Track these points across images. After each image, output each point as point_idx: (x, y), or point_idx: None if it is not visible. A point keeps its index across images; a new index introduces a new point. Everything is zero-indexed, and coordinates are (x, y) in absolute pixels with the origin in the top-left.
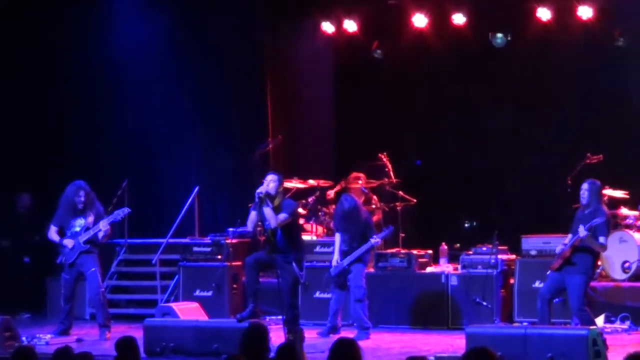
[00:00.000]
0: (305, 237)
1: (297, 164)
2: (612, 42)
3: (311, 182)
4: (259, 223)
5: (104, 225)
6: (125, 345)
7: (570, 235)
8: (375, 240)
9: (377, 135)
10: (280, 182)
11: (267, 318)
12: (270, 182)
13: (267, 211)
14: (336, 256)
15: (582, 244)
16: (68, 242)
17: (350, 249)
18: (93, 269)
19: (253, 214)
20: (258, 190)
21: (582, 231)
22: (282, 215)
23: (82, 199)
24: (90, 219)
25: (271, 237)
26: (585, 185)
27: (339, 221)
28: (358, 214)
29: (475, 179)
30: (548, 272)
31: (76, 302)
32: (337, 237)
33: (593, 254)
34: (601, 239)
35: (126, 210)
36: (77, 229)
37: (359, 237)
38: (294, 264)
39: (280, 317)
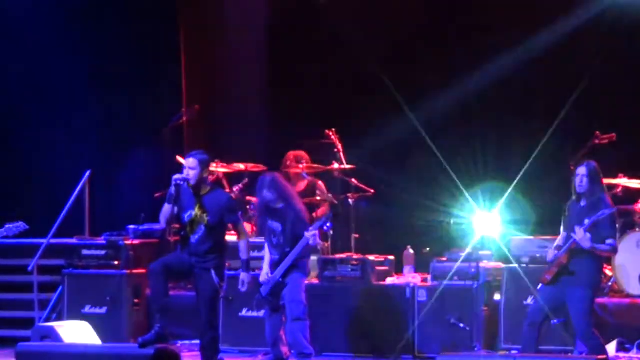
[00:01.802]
0: (229, 237)
1: (220, 142)
2: None
3: (238, 166)
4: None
5: None
6: None
7: (563, 235)
8: (310, 233)
9: (324, 106)
10: (205, 167)
11: (179, 342)
12: (189, 169)
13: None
14: (266, 269)
15: (580, 246)
16: None
17: (283, 255)
18: None
19: (167, 208)
20: (175, 177)
21: (579, 233)
22: (242, 235)
23: None
24: None
25: (189, 234)
26: (582, 169)
27: (261, 218)
28: (287, 203)
29: (451, 163)
30: (539, 287)
31: None
32: (266, 245)
33: (597, 260)
34: (609, 241)
35: (21, 226)
36: None
37: (292, 238)
38: (212, 271)
39: (195, 341)
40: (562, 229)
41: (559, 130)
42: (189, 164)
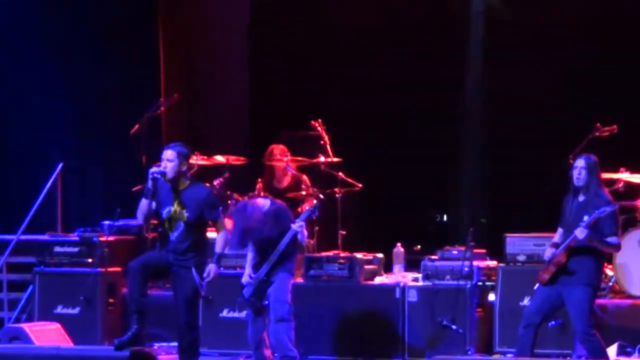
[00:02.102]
0: (210, 234)
1: (199, 134)
2: None
3: (218, 158)
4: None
5: None
6: None
7: (560, 232)
8: (297, 225)
9: (309, 95)
10: (184, 160)
11: (156, 345)
12: (167, 161)
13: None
14: (248, 270)
15: (581, 244)
16: None
17: (265, 257)
18: None
19: (144, 203)
20: (152, 170)
21: (580, 233)
22: (221, 229)
23: None
24: None
25: (167, 231)
26: (580, 162)
27: (240, 236)
28: (273, 222)
29: (443, 157)
30: (535, 286)
31: None
32: (248, 247)
33: (598, 258)
34: (611, 239)
35: None
36: None
37: (276, 240)
38: (193, 270)
39: (173, 343)
40: (559, 225)
41: (558, 122)
42: (167, 156)
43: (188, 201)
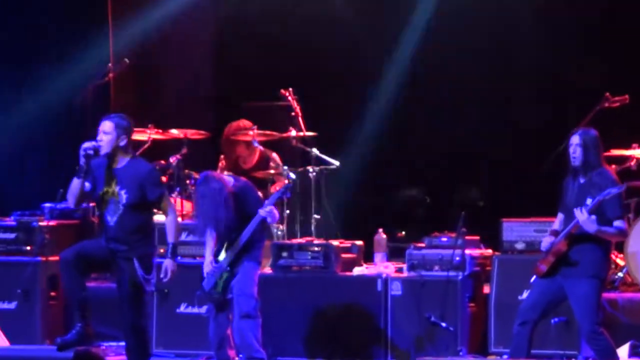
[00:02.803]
0: (160, 218)
1: (153, 104)
2: None
3: (174, 132)
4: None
5: None
6: None
7: (560, 218)
8: (265, 210)
9: (279, 60)
10: (123, 133)
11: (103, 344)
12: (104, 134)
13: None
14: (208, 258)
15: (583, 230)
16: None
17: (228, 244)
18: None
19: (76, 183)
20: (85, 146)
21: (581, 215)
22: (169, 212)
23: None
24: None
25: (105, 215)
26: (575, 138)
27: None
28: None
29: (432, 130)
30: (532, 279)
31: None
32: (208, 232)
33: (603, 246)
34: (617, 223)
35: None
36: None
37: (242, 219)
38: (136, 261)
39: (123, 342)
40: (559, 210)
41: (561, 93)
42: (104, 129)
43: (126, 180)
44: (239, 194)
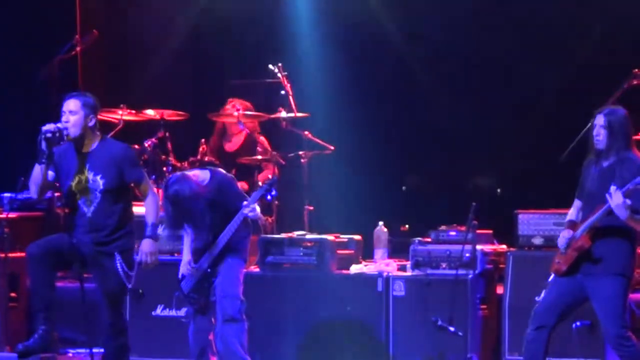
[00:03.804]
0: (138, 209)
1: (126, 82)
2: None
3: (149, 113)
4: (55, 184)
5: None
6: None
7: (577, 206)
8: (248, 209)
9: (267, 30)
10: (91, 113)
11: (70, 351)
12: (70, 114)
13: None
14: (186, 257)
15: (608, 223)
16: None
17: (209, 242)
18: None
19: (37, 170)
20: (45, 128)
21: (616, 198)
22: (148, 193)
23: None
24: None
25: (81, 206)
26: (600, 119)
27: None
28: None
29: (439, 113)
30: (550, 278)
31: None
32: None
33: (630, 241)
34: None
35: None
36: None
37: (224, 216)
38: (118, 257)
39: (96, 349)
40: (576, 196)
41: (584, 71)
42: (70, 108)
43: (100, 163)
44: (216, 192)
